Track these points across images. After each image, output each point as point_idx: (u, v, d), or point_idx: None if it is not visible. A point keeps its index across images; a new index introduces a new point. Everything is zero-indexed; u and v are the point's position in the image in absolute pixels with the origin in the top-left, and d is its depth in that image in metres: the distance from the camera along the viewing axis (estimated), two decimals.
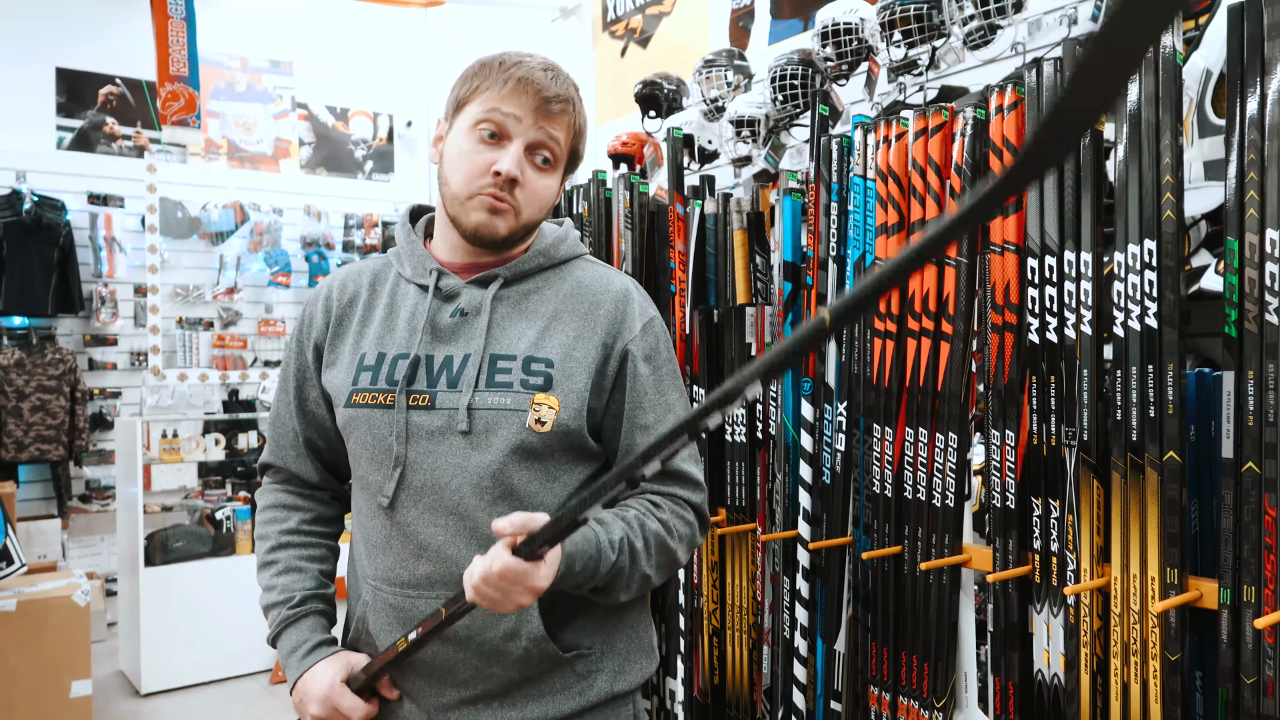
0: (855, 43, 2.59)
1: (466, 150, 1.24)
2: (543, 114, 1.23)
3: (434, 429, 1.23)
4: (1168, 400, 1.52)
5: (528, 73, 1.23)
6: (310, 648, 1.29)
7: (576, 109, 1.28)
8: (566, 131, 1.27)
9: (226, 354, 6.01)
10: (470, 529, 1.21)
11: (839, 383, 2.11)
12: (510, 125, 1.23)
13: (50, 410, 5.27)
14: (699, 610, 2.50)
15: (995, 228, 1.78)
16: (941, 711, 1.86)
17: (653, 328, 1.32)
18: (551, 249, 1.33)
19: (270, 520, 1.39)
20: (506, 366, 1.24)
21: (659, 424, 1.28)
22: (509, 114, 1.23)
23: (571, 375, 1.24)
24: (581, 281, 1.32)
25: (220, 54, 6.35)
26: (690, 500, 1.30)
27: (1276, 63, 1.40)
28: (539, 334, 1.26)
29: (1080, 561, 1.64)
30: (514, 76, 1.23)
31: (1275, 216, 1.40)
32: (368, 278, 1.36)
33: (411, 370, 1.25)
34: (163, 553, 4.50)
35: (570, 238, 1.37)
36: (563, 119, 1.26)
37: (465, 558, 1.20)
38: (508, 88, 1.23)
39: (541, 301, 1.29)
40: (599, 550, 1.16)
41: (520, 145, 1.23)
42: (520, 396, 1.22)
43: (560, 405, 1.22)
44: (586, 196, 2.84)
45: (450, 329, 1.27)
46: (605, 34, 5.37)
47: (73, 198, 5.57)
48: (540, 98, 1.23)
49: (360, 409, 1.27)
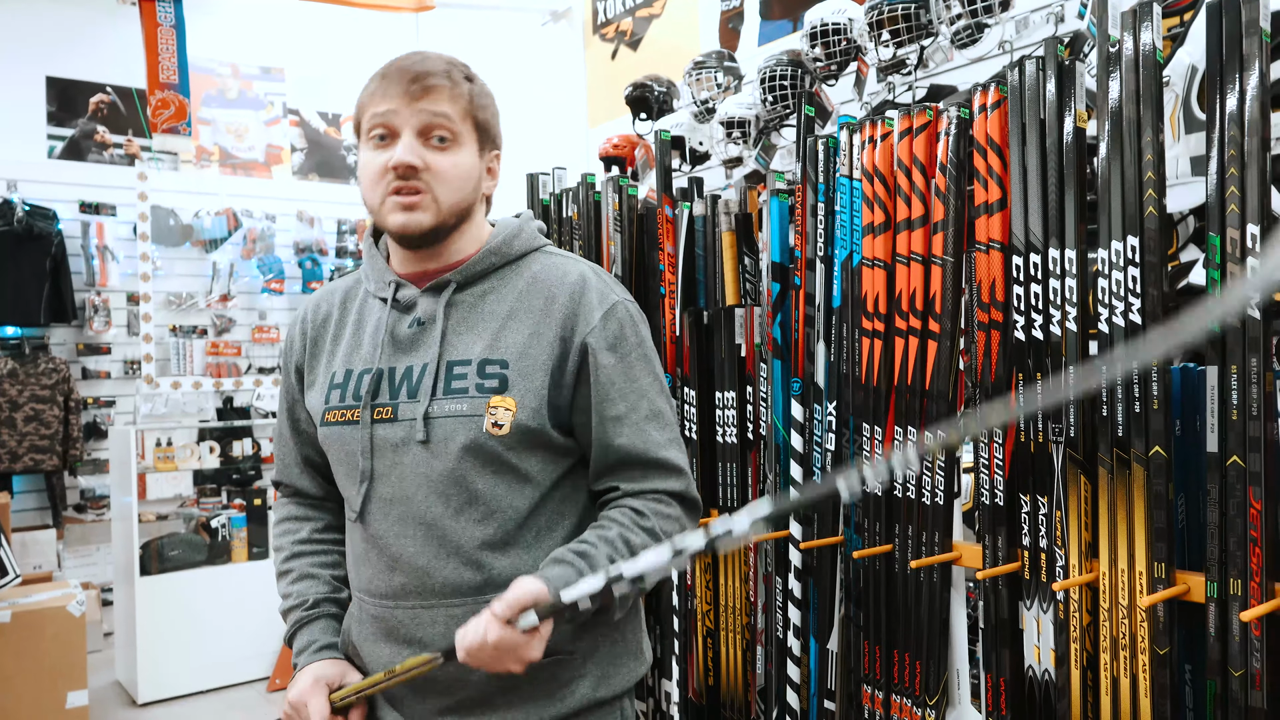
0: (844, 43, 2.60)
1: (366, 160, 1.25)
2: (416, 95, 1.21)
3: (397, 440, 1.24)
4: (1153, 396, 1.52)
5: (395, 63, 1.24)
6: (317, 648, 1.31)
7: (455, 80, 1.24)
8: (453, 104, 1.24)
9: (220, 361, 6.00)
10: (439, 538, 1.22)
11: (828, 382, 2.11)
12: (392, 120, 1.22)
13: (44, 420, 5.26)
14: (693, 612, 2.50)
15: (981, 226, 1.79)
16: (934, 709, 1.87)
17: (615, 314, 1.28)
18: (504, 246, 1.31)
19: (284, 532, 1.43)
20: (462, 372, 1.23)
21: (631, 413, 1.25)
22: (387, 110, 1.22)
23: (527, 374, 1.23)
24: (537, 276, 1.30)
25: (211, 61, 6.35)
26: (672, 491, 1.27)
27: (1255, 59, 1.41)
28: (493, 335, 1.25)
29: (1069, 557, 1.64)
30: (382, 73, 1.24)
31: (1256, 212, 1.41)
32: (339, 296, 1.39)
33: (374, 384, 1.26)
34: (158, 562, 4.49)
35: (525, 232, 1.34)
36: (440, 92, 1.22)
37: (437, 567, 1.22)
38: (379, 83, 1.24)
39: (497, 301, 1.28)
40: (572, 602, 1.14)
41: (409, 133, 1.22)
42: (476, 401, 1.21)
43: (517, 405, 1.21)
44: (576, 200, 2.85)
45: (409, 339, 1.27)
46: (596, 37, 5.38)
47: (64, 207, 5.56)
48: (406, 79, 1.22)
49: (333, 426, 1.29)
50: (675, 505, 1.28)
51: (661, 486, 1.27)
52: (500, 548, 1.23)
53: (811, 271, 2.15)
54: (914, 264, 1.91)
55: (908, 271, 1.92)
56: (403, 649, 1.25)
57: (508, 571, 1.22)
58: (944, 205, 1.85)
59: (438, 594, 1.22)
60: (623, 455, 1.26)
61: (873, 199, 1.99)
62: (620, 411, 1.25)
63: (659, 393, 1.30)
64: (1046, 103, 1.68)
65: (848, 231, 2.06)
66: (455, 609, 1.22)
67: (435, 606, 1.23)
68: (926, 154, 1.90)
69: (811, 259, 2.15)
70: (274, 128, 6.66)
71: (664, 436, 1.28)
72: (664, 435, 1.28)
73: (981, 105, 1.79)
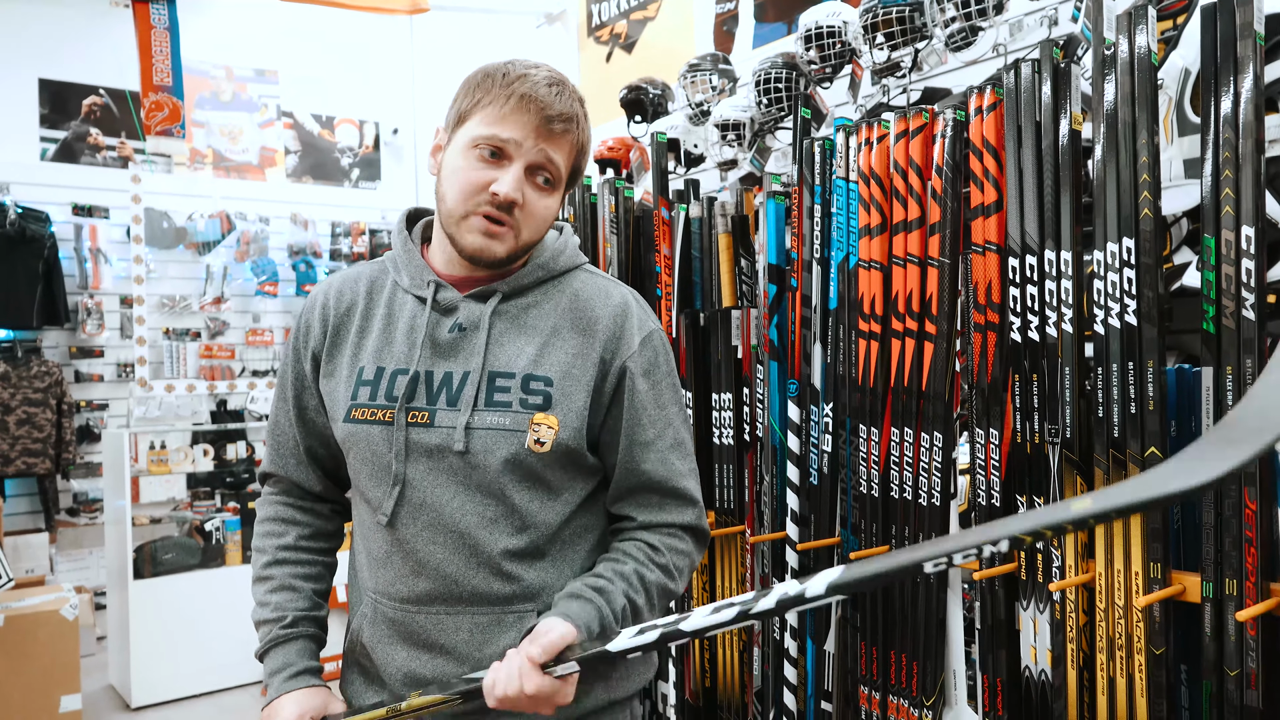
0: (838, 46, 2.60)
1: (464, 167, 1.21)
2: (544, 134, 1.19)
3: (432, 447, 1.22)
4: (1149, 396, 1.53)
5: (531, 89, 1.19)
6: (294, 673, 1.28)
7: (580, 126, 1.24)
8: (569, 150, 1.23)
9: (214, 364, 5.99)
10: (470, 547, 1.21)
11: (825, 384, 2.12)
12: (511, 146, 1.19)
13: (36, 423, 5.24)
14: None
15: (977, 228, 1.79)
16: (931, 709, 1.87)
17: (651, 341, 1.29)
18: (551, 261, 1.31)
19: (268, 534, 1.38)
20: (505, 385, 1.22)
21: (658, 440, 1.27)
22: (510, 135, 1.19)
23: (570, 394, 1.23)
24: (580, 294, 1.30)
25: (205, 63, 6.34)
26: (687, 525, 1.29)
27: (1249, 62, 1.42)
28: (538, 351, 1.24)
29: (1065, 558, 1.65)
30: (517, 93, 1.19)
31: (1250, 214, 1.41)
32: (364, 285, 1.34)
33: (411, 387, 1.23)
34: (152, 565, 4.48)
35: (569, 248, 1.34)
36: (565, 139, 1.22)
37: (464, 575, 1.21)
38: (510, 105, 1.19)
39: (540, 316, 1.27)
40: (605, 628, 1.15)
41: (520, 166, 1.20)
42: (519, 416, 1.21)
43: (560, 425, 1.21)
44: (572, 201, 2.85)
45: (449, 345, 1.25)
46: (590, 39, 5.38)
47: (57, 209, 5.54)
48: (543, 116, 1.19)
49: (360, 424, 1.25)
50: (687, 539, 1.30)
51: (676, 520, 1.29)
52: (529, 559, 1.23)
53: (808, 273, 2.15)
54: (910, 266, 1.91)
55: (904, 273, 1.92)
56: (421, 653, 1.24)
57: (535, 583, 1.23)
58: (940, 207, 1.86)
59: (464, 601, 1.22)
60: (645, 480, 1.27)
61: (869, 201, 1.99)
62: (649, 437, 1.27)
63: (683, 423, 1.32)
64: (1042, 105, 1.69)
65: (844, 233, 2.07)
66: (480, 617, 1.22)
67: (460, 614, 1.22)
68: (923, 156, 1.91)
69: (808, 261, 2.15)
70: (268, 130, 6.65)
71: (685, 466, 1.31)
72: (685, 465, 1.31)
73: (977, 108, 1.79)
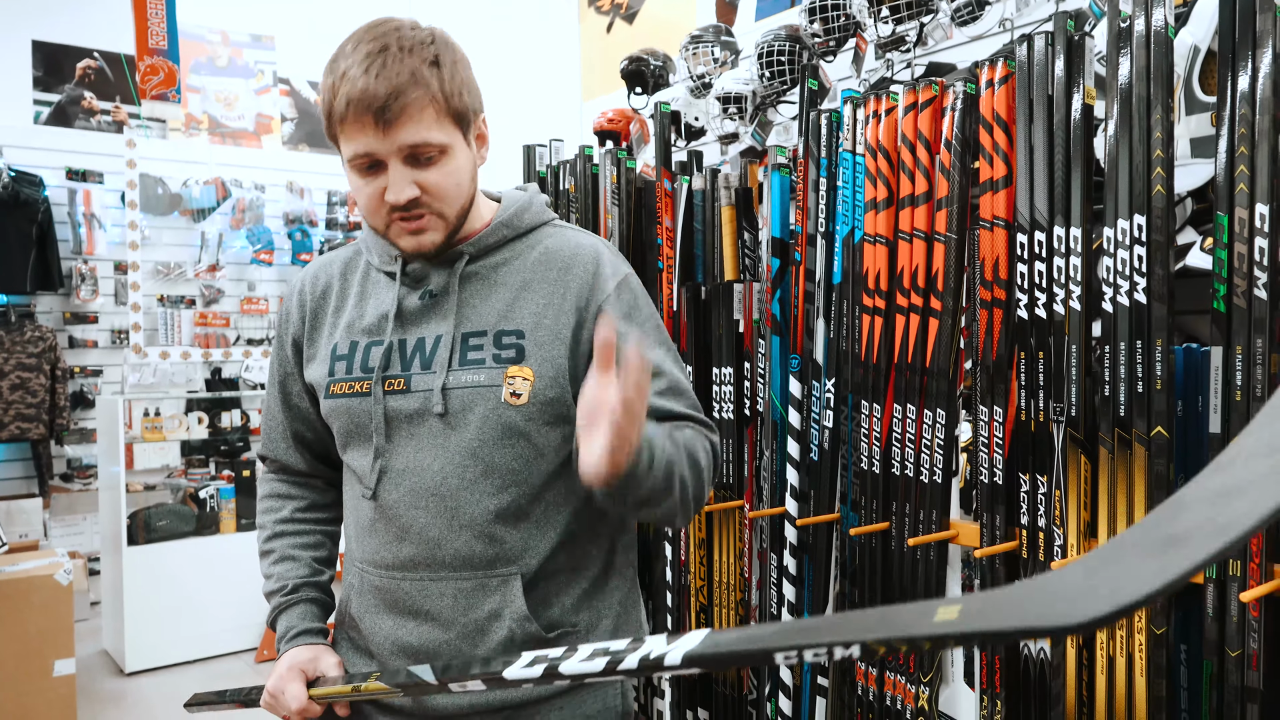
0: (843, 19, 2.58)
1: (358, 186, 1.19)
2: (386, 123, 1.12)
3: (411, 412, 1.22)
4: (1156, 376, 1.52)
5: (350, 88, 1.12)
6: (294, 634, 1.32)
7: (423, 82, 1.13)
8: (427, 113, 1.14)
9: (209, 332, 5.96)
10: (452, 510, 1.21)
11: (827, 359, 2.10)
12: (374, 154, 1.14)
13: (30, 388, 5.21)
14: (686, 587, 2.50)
15: (985, 204, 1.77)
16: (928, 686, 1.88)
17: (629, 284, 1.29)
18: (515, 219, 1.30)
19: (266, 510, 1.42)
20: (478, 343, 1.22)
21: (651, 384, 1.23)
22: (365, 149, 1.14)
23: (544, 344, 1.22)
24: (550, 248, 1.29)
25: (200, 28, 6.26)
26: (710, 437, 1.27)
27: (1268, 37, 1.40)
28: (507, 305, 1.24)
29: (1067, 537, 1.64)
30: (342, 98, 1.12)
31: (1265, 191, 1.40)
32: (338, 268, 1.36)
33: (385, 356, 1.24)
34: (146, 532, 4.48)
35: (534, 205, 1.33)
36: (413, 111, 1.13)
37: (448, 539, 1.21)
38: (346, 117, 1.13)
39: (510, 273, 1.27)
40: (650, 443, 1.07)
41: (396, 163, 1.15)
42: (494, 371, 1.20)
43: (535, 375, 1.20)
44: (573, 172, 2.82)
45: (420, 311, 1.26)
46: (591, 10, 5.33)
47: (51, 173, 5.49)
48: (374, 110, 1.11)
49: (339, 399, 1.27)
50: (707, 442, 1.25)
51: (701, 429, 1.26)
52: (512, 521, 1.22)
53: (812, 247, 2.13)
54: (916, 240, 1.89)
55: (910, 248, 1.91)
56: (407, 620, 1.24)
57: (518, 546, 1.22)
58: (948, 181, 1.84)
59: (447, 566, 1.21)
60: None
61: (875, 174, 1.97)
62: None
63: (674, 363, 1.30)
64: (1055, 79, 1.66)
65: (849, 207, 2.05)
66: (464, 582, 1.21)
67: (444, 579, 1.22)
68: (931, 129, 1.89)
69: (812, 234, 2.13)
70: (264, 97, 6.58)
71: (685, 401, 1.27)
72: (684, 400, 1.28)
73: (988, 80, 1.77)
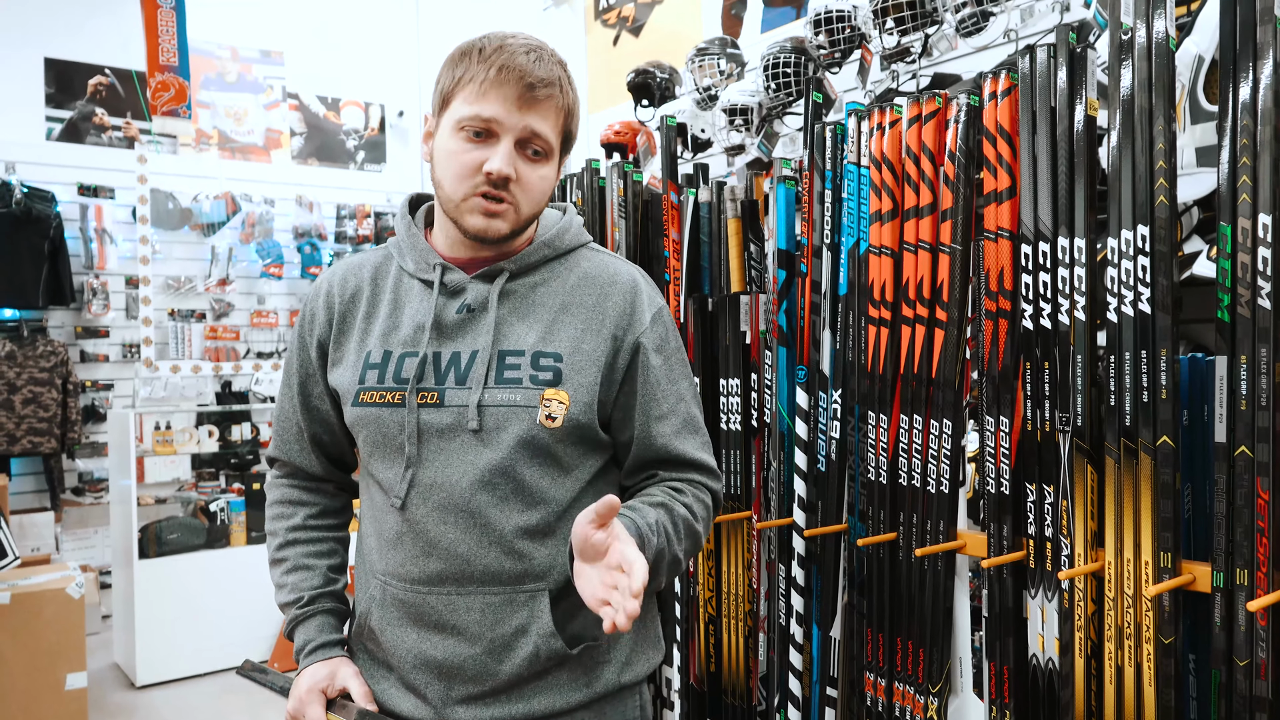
0: (848, 30, 2.59)
1: (455, 150, 1.21)
2: (527, 103, 1.19)
3: (444, 426, 1.22)
4: (1161, 385, 1.52)
5: (509, 59, 1.18)
6: (313, 648, 1.32)
7: (563, 89, 1.23)
8: (556, 116, 1.23)
9: (219, 345, 5.99)
10: (481, 526, 1.21)
11: (834, 370, 2.11)
12: (496, 124, 1.19)
13: (42, 403, 5.24)
14: (695, 598, 2.50)
15: (989, 214, 1.78)
16: (937, 696, 1.87)
17: (661, 318, 1.32)
18: (556, 239, 1.32)
19: (277, 516, 1.40)
20: (515, 362, 1.23)
21: (672, 414, 1.29)
22: (493, 113, 1.18)
23: (581, 369, 1.24)
24: (588, 273, 1.31)
25: (210, 44, 6.31)
26: (709, 486, 1.32)
27: (1269, 48, 1.40)
28: (546, 328, 1.25)
29: (1074, 546, 1.64)
30: (495, 65, 1.18)
31: (1268, 201, 1.40)
32: (369, 272, 1.35)
33: (420, 368, 1.24)
34: (157, 545, 4.49)
35: (574, 226, 1.35)
36: (549, 104, 1.21)
37: (477, 555, 1.21)
38: (489, 78, 1.18)
39: (548, 294, 1.28)
40: (641, 536, 1.13)
41: (510, 141, 1.20)
42: (530, 392, 1.21)
43: (570, 400, 1.22)
44: (580, 185, 2.83)
45: (457, 325, 1.26)
46: (597, 23, 5.35)
47: (63, 189, 5.53)
48: (523, 85, 1.18)
49: (368, 408, 1.26)
50: (708, 495, 1.32)
51: (699, 479, 1.32)
52: (539, 537, 1.23)
53: (818, 259, 2.14)
54: (921, 252, 1.90)
55: (915, 259, 1.91)
56: (432, 634, 1.24)
57: (545, 561, 1.23)
58: (952, 193, 1.85)
59: (475, 581, 1.22)
60: (663, 453, 1.29)
61: (880, 186, 1.98)
62: (664, 411, 1.29)
63: (693, 399, 1.35)
64: (1058, 90, 1.67)
65: (855, 219, 2.06)
66: (492, 597, 1.22)
67: (472, 594, 1.22)
68: (935, 141, 1.90)
69: (818, 246, 2.14)
70: (273, 111, 6.63)
71: (700, 440, 1.33)
72: (699, 439, 1.34)
73: (991, 93, 1.78)
